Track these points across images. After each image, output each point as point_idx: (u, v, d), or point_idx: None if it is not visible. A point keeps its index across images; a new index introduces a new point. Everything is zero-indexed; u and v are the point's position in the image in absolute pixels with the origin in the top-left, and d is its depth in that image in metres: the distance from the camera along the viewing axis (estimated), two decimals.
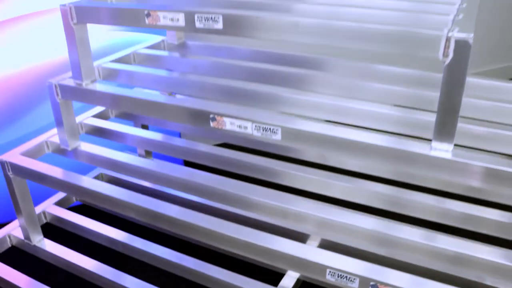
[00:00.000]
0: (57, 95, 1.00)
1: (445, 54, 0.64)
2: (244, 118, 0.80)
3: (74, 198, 1.37)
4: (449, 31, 0.63)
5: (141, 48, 1.17)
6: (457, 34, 0.62)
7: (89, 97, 0.97)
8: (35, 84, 1.41)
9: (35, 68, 1.41)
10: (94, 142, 1.10)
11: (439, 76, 0.94)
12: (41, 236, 1.17)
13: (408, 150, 0.71)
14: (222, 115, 0.82)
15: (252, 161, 1.00)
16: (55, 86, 0.99)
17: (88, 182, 1.00)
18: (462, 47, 0.63)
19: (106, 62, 1.08)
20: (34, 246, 1.15)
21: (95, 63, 1.06)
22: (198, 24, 0.78)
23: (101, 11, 0.88)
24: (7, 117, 1.40)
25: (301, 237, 1.09)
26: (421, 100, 0.90)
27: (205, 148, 1.06)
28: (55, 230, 1.25)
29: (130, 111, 0.94)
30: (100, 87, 0.96)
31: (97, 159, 1.04)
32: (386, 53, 0.69)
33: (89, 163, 1.06)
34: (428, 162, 0.70)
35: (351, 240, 0.90)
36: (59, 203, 1.29)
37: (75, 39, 0.93)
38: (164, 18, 0.81)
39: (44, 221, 1.26)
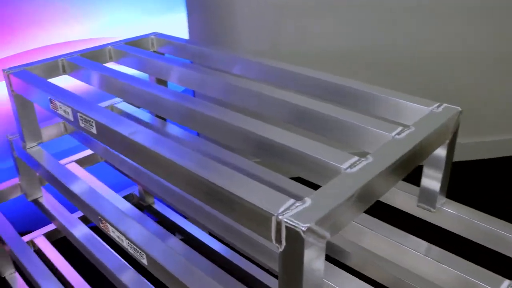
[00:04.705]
0: (13, 150, 1.02)
1: (277, 241, 0.48)
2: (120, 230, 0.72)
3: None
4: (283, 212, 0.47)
5: None
6: (288, 220, 0.46)
7: (30, 161, 0.97)
8: None
9: None
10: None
11: None
12: (13, 269, 1.23)
13: None
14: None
15: None
16: (11, 142, 1.01)
17: None
18: (294, 237, 0.46)
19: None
20: (4, 278, 1.22)
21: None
22: (80, 123, 0.72)
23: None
24: None
25: None
26: None
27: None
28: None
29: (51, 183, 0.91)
30: (40, 153, 0.95)
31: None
32: None
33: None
34: None
35: None
36: (48, 235, 1.34)
37: (15, 106, 0.93)
38: (60, 108, 0.76)
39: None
